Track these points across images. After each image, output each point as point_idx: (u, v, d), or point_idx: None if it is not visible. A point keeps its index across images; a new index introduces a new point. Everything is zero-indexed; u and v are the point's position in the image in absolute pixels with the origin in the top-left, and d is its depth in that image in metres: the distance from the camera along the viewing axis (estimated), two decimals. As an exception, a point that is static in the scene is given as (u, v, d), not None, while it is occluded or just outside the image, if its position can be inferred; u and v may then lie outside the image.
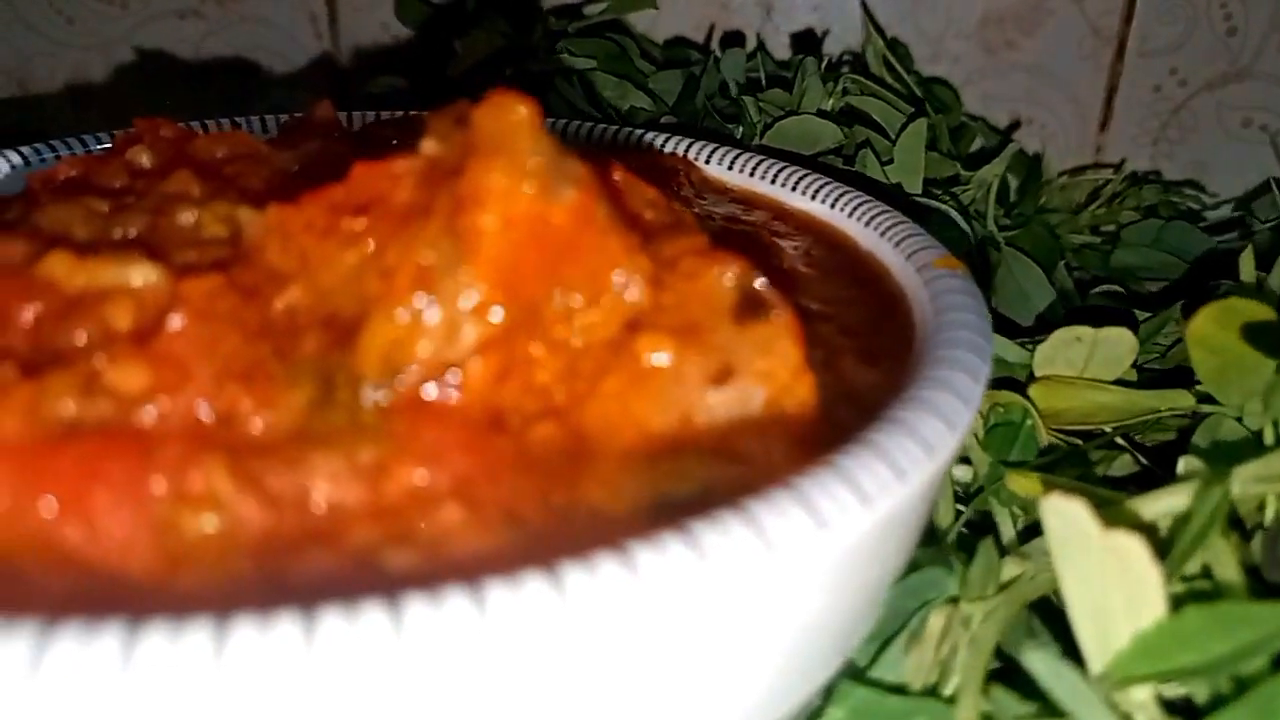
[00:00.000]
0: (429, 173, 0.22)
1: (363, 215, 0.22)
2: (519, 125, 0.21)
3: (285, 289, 0.23)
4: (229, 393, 0.21)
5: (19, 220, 0.26)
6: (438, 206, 0.22)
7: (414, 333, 0.21)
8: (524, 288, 0.22)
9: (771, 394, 0.24)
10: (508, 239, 0.21)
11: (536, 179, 0.21)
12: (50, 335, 0.22)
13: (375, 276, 0.22)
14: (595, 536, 0.20)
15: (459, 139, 0.22)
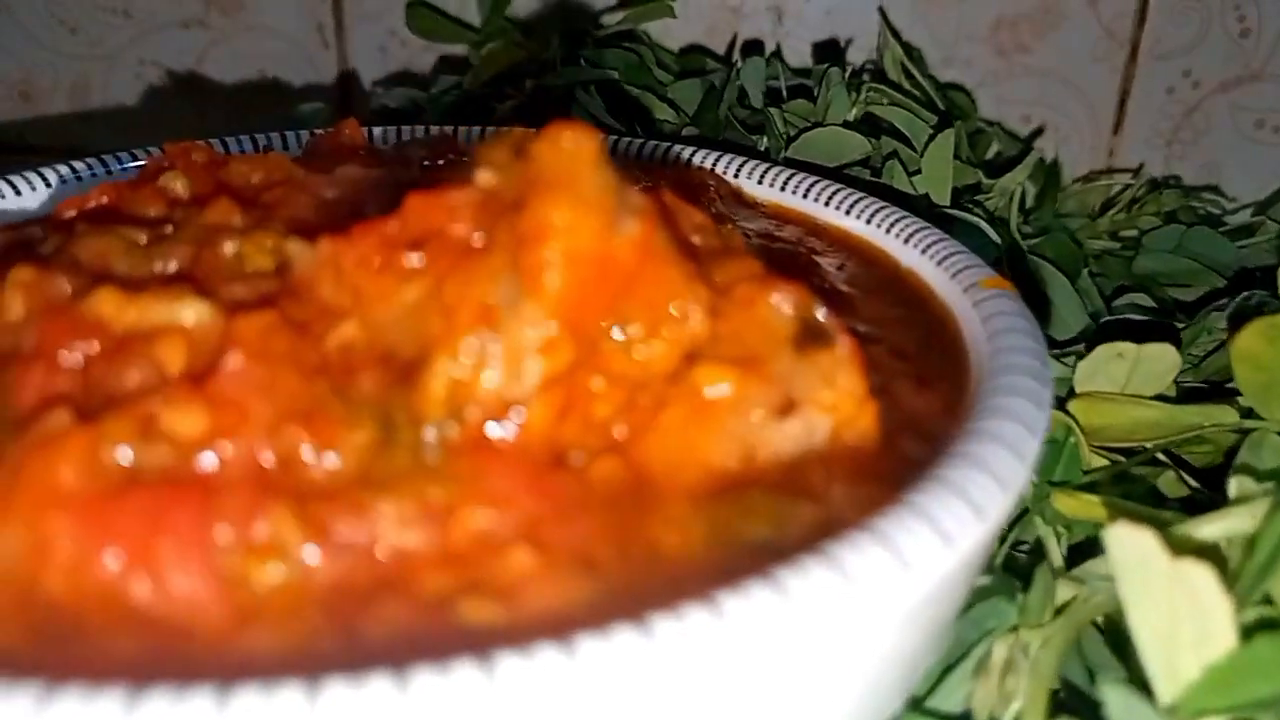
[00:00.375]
0: (486, 205, 0.22)
1: (419, 250, 0.22)
2: (582, 158, 0.21)
3: (339, 325, 0.22)
4: (289, 434, 0.20)
5: (56, 253, 0.26)
6: (498, 242, 0.21)
7: (477, 371, 0.21)
8: (586, 322, 0.22)
9: (835, 425, 0.23)
10: (572, 275, 0.21)
11: (601, 213, 0.21)
12: (101, 377, 0.21)
13: (435, 314, 0.21)
14: (670, 580, 0.20)
15: (518, 171, 0.21)
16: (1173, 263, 0.50)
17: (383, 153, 0.36)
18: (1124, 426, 0.33)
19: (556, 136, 0.21)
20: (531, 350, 0.21)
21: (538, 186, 0.21)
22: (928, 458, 0.23)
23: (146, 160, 0.31)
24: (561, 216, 0.20)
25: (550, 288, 0.21)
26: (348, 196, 0.29)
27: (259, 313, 0.22)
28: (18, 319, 0.23)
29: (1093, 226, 0.55)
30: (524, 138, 0.22)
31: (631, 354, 0.22)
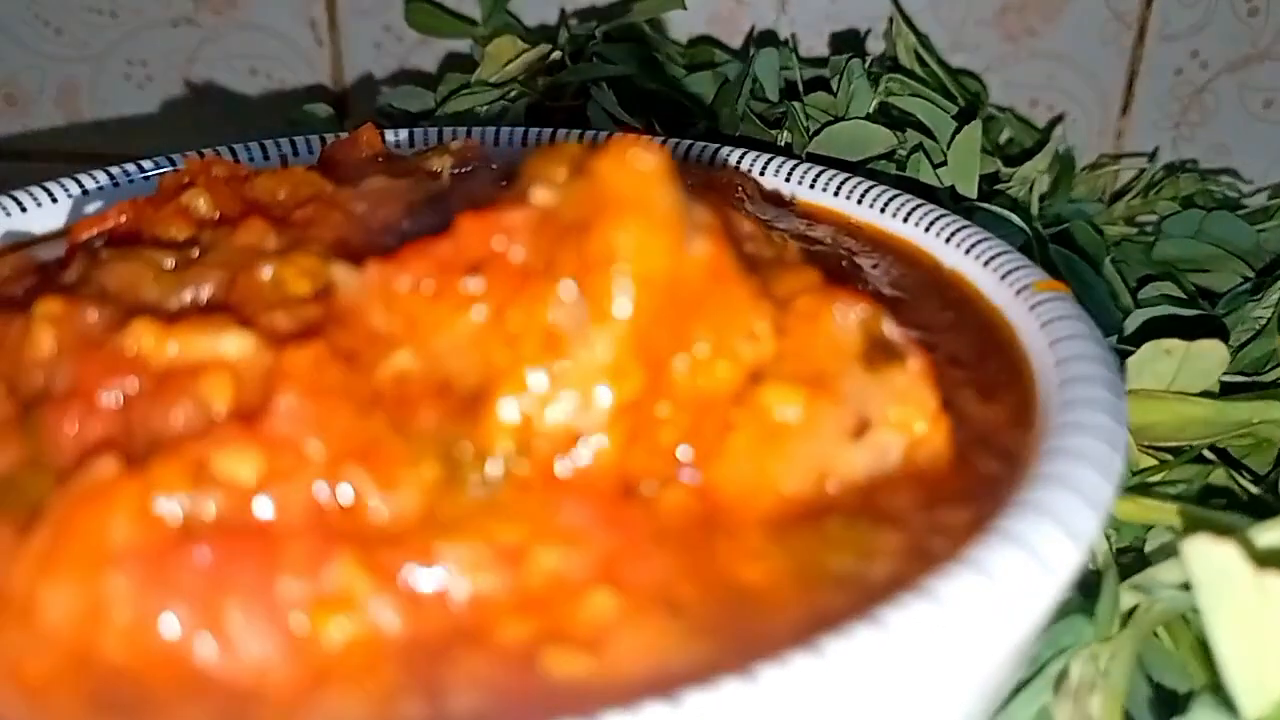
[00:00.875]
0: (543, 225, 0.21)
1: (477, 274, 0.21)
2: (650, 176, 0.20)
3: (392, 355, 0.21)
4: (349, 475, 0.19)
5: (82, 281, 0.24)
6: (561, 265, 0.20)
7: (544, 402, 0.20)
8: (654, 345, 0.21)
9: (907, 444, 0.23)
10: (643, 300, 0.20)
11: (671, 233, 0.20)
12: (143, 417, 0.20)
13: (498, 342, 0.20)
14: (757, 619, 0.19)
15: (578, 189, 0.20)
16: (1193, 248, 0.49)
17: (404, 160, 0.35)
18: (1172, 424, 0.33)
19: (622, 153, 0.20)
20: (601, 379, 0.20)
21: (605, 207, 0.20)
22: (1005, 476, 0.22)
23: (162, 174, 0.30)
24: (632, 239, 0.19)
25: (621, 314, 0.20)
26: (379, 211, 0.28)
27: (308, 344, 0.21)
28: (49, 355, 0.22)
29: (1109, 212, 0.54)
30: (581, 153, 0.21)
31: (697, 376, 0.21)
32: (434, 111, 0.45)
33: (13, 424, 0.21)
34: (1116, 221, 0.54)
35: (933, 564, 0.20)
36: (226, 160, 0.30)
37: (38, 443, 0.20)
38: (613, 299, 0.20)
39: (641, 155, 0.20)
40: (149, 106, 0.64)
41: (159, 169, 0.37)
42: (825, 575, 0.20)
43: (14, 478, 0.20)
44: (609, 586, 0.19)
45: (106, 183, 0.36)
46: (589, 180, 0.20)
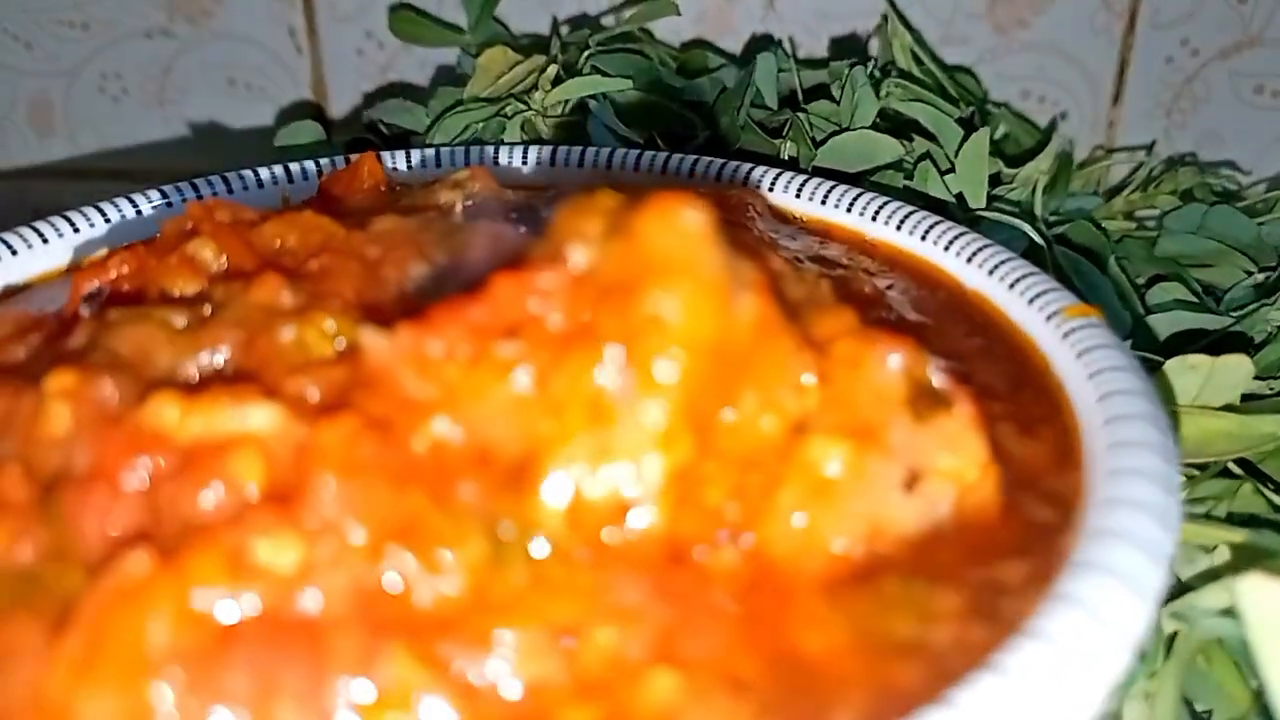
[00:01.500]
0: (580, 286, 0.20)
1: (515, 338, 0.20)
2: (697, 237, 0.19)
3: (427, 422, 0.20)
4: (392, 558, 0.19)
5: (91, 346, 0.23)
6: (605, 330, 0.19)
7: (593, 474, 0.19)
8: (702, 408, 0.20)
9: (959, 494, 0.22)
10: (691, 365, 0.19)
11: (720, 297, 0.19)
12: (171, 500, 0.19)
13: (541, 411, 0.19)
14: (825, 695, 0.18)
15: (620, 251, 0.20)
16: (1196, 244, 0.49)
17: (409, 191, 0.34)
18: (1198, 439, 0.32)
19: (665, 212, 0.19)
20: (650, 447, 0.19)
21: (650, 271, 0.19)
22: (1057, 524, 0.22)
23: (159, 215, 0.29)
24: (680, 304, 0.19)
25: (670, 381, 0.19)
26: (392, 254, 0.27)
27: (340, 417, 0.20)
28: (66, 433, 0.21)
29: (1108, 208, 0.54)
30: (618, 207, 0.20)
31: (743, 432, 0.21)
32: (429, 129, 0.43)
33: (33, 509, 0.20)
34: (1115, 216, 0.54)
35: (995, 627, 0.19)
36: (229, 203, 0.29)
37: (61, 530, 0.19)
38: (661, 366, 0.19)
39: (686, 215, 0.19)
40: (125, 120, 0.63)
41: (153, 204, 0.36)
42: (888, 643, 0.19)
43: (39, 572, 0.19)
44: (669, 665, 0.18)
45: (100, 223, 0.35)
46: (631, 240, 0.20)
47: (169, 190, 0.36)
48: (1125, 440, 0.23)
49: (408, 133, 0.47)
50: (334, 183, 0.35)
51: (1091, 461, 0.23)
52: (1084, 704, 0.17)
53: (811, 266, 0.33)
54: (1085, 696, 0.17)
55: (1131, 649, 0.18)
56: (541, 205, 0.32)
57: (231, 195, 0.38)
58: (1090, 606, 0.18)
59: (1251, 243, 0.50)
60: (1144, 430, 0.23)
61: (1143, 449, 0.22)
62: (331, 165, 0.39)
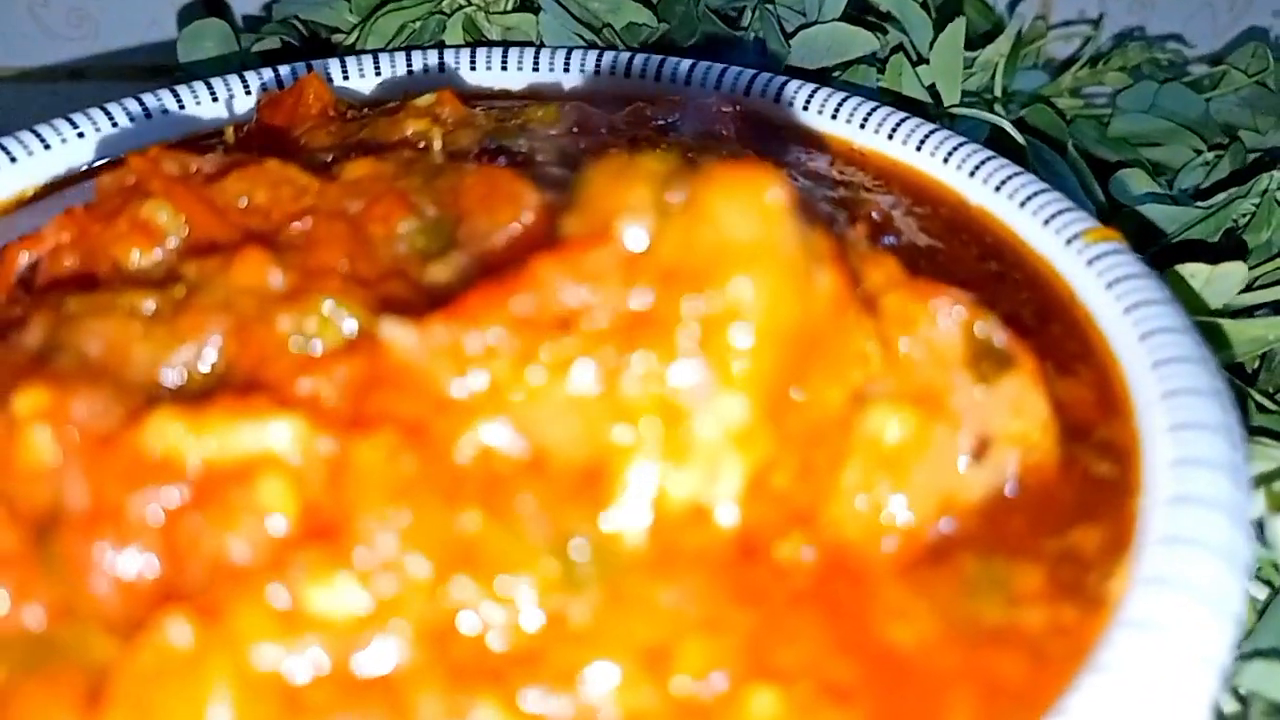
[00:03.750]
0: (637, 269, 0.18)
1: (568, 330, 0.18)
2: (774, 214, 0.17)
3: (471, 427, 0.18)
4: (459, 591, 0.17)
5: (51, 346, 0.20)
6: (674, 320, 0.17)
7: (670, 478, 0.18)
8: (779, 396, 0.18)
9: (1022, 455, 0.21)
10: (774, 354, 0.17)
11: (799, 278, 0.17)
12: (192, 542, 0.17)
13: (608, 412, 0.18)
14: (929, 695, 0.18)
15: (686, 230, 0.18)
16: (1148, 123, 0.49)
17: (362, 120, 0.30)
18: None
19: (740, 186, 0.17)
20: (731, 447, 0.18)
21: (726, 254, 0.17)
22: (1119, 480, 0.21)
23: (100, 175, 0.25)
24: (763, 292, 0.17)
25: (751, 376, 0.17)
26: (377, 212, 0.24)
27: (377, 429, 0.18)
28: (50, 463, 0.18)
29: (1055, 85, 0.53)
30: (669, 173, 0.18)
31: (809, 409, 0.19)
32: (359, 29, 0.39)
33: (30, 559, 0.17)
34: (1063, 94, 0.53)
35: (1086, 607, 0.19)
36: (175, 152, 0.25)
37: (67, 582, 0.17)
38: (741, 359, 0.17)
39: (763, 187, 0.17)
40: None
41: (62, 136, 0.32)
42: (980, 630, 0.18)
43: (52, 635, 0.16)
44: (767, 680, 0.17)
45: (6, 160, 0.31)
46: (700, 217, 0.17)
47: (79, 119, 0.32)
48: (1181, 388, 0.22)
49: (330, 32, 0.42)
50: (274, 110, 0.31)
51: (1144, 409, 0.22)
52: (1200, 695, 0.17)
53: (808, 184, 0.31)
54: (1201, 687, 0.17)
55: (1237, 629, 0.18)
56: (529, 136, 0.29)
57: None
58: (1193, 588, 0.18)
59: (1199, 119, 0.49)
60: (1198, 376, 0.22)
61: (1201, 398, 0.21)
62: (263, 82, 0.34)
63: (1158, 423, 0.22)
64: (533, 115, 0.31)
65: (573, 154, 0.29)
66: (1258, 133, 0.49)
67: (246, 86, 0.35)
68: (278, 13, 0.45)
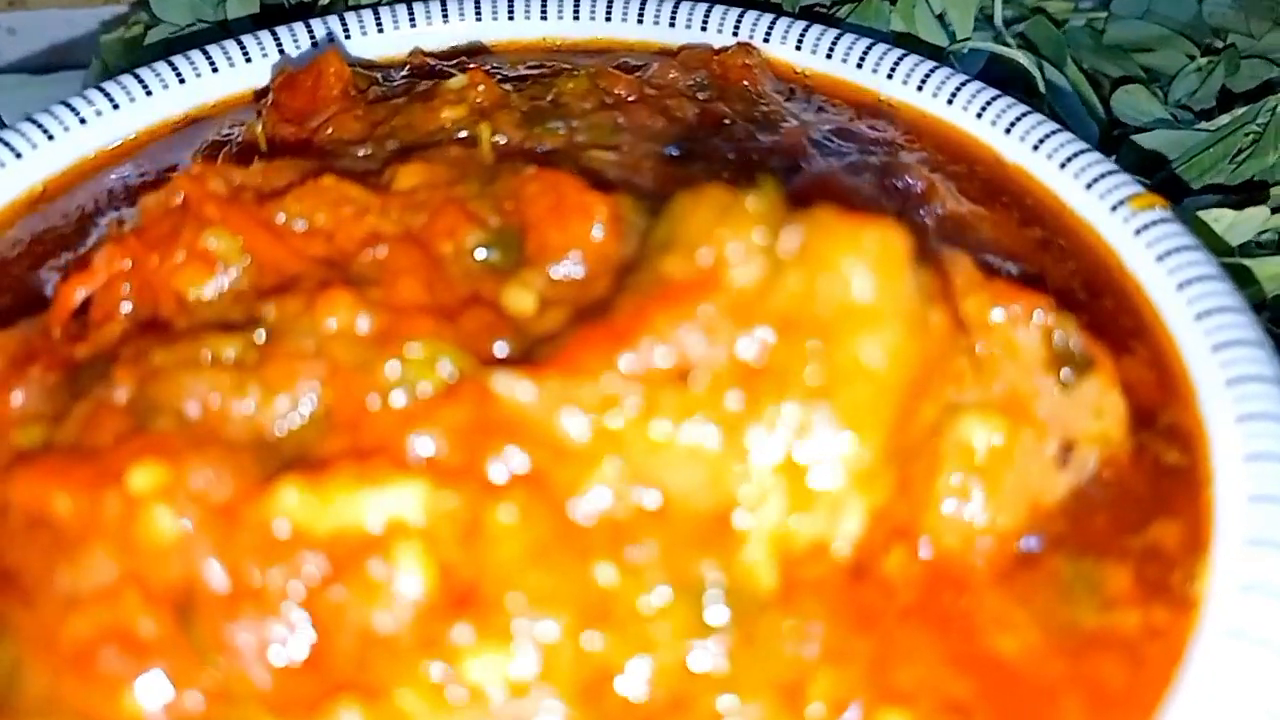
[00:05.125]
0: (745, 312, 0.18)
1: (686, 382, 0.18)
2: (899, 269, 0.17)
3: (589, 475, 0.19)
4: (604, 646, 0.18)
5: (143, 404, 0.20)
6: (789, 368, 0.18)
7: (797, 523, 0.18)
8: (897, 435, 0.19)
9: (1101, 452, 0.22)
10: (897, 400, 0.18)
11: (920, 327, 0.18)
12: (337, 617, 0.17)
13: (732, 460, 0.18)
14: (1042, 707, 0.19)
15: (803, 280, 0.18)
16: (1144, 30, 0.49)
17: (396, 108, 0.29)
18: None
19: (862, 239, 0.17)
20: (854, 491, 0.18)
21: (850, 310, 0.17)
22: (1189, 468, 0.22)
23: (143, 195, 0.24)
24: (887, 347, 0.17)
25: (878, 422, 0.18)
26: (442, 226, 0.23)
27: (507, 491, 0.18)
28: (177, 541, 0.18)
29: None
30: (777, 216, 0.18)
31: (908, 430, 0.20)
32: None
33: (178, 643, 0.17)
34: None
35: (1176, 608, 0.20)
36: (221, 167, 0.24)
37: (218, 665, 0.17)
38: (869, 410, 0.18)
39: (885, 242, 0.17)
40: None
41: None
42: (1078, 636, 0.20)
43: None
44: (896, 705, 0.18)
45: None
46: (819, 269, 0.17)
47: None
48: (1245, 376, 0.23)
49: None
50: (293, 93, 0.30)
51: (1206, 395, 0.23)
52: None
53: (847, 148, 0.31)
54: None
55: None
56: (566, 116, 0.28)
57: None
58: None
59: (1191, 23, 0.49)
60: (1262, 363, 0.23)
61: (1267, 386, 0.22)
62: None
63: (1225, 412, 0.22)
64: (564, 88, 0.30)
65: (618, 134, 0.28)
66: (1250, 36, 0.49)
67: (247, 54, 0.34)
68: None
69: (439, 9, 0.36)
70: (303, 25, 0.35)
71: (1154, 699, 0.18)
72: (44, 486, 0.19)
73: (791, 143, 0.29)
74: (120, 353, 0.21)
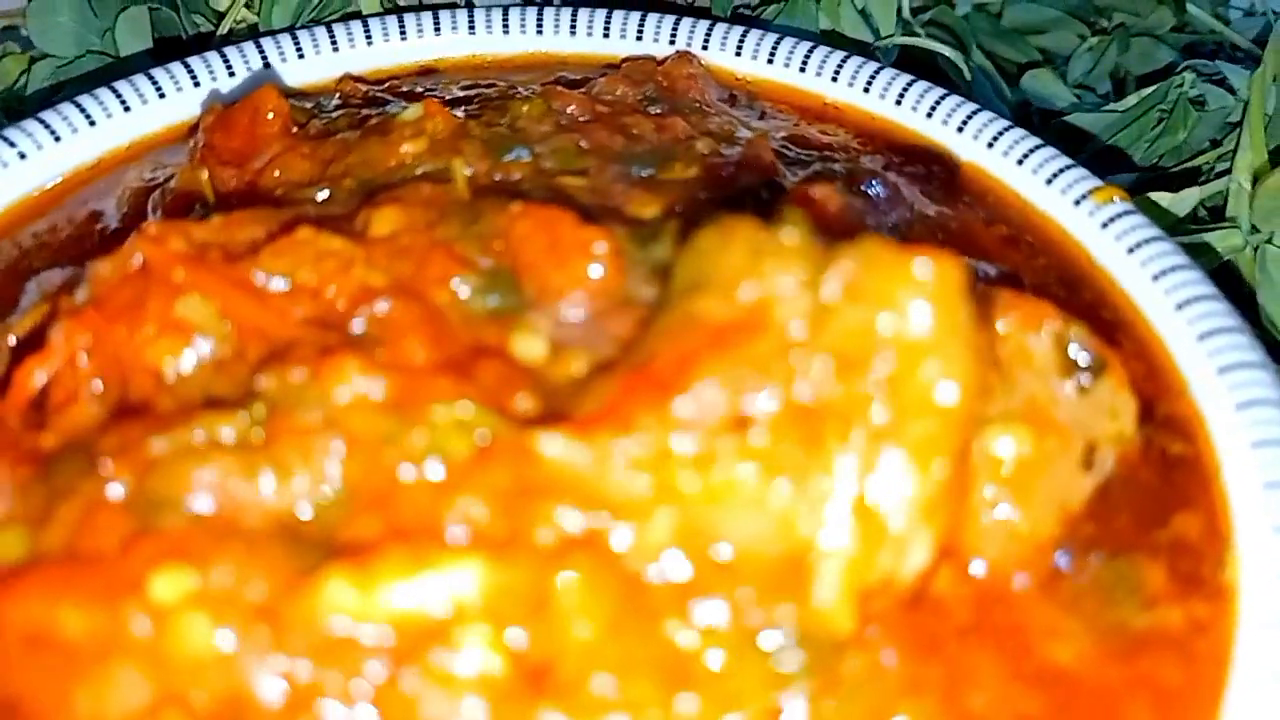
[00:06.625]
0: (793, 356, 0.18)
1: (743, 431, 0.18)
2: (958, 301, 0.17)
3: (647, 532, 0.18)
4: (689, 708, 0.17)
5: (139, 500, 0.18)
6: (855, 405, 0.17)
7: (868, 560, 0.18)
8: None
9: (1117, 452, 0.22)
10: (962, 429, 0.18)
11: (980, 354, 0.18)
12: (410, 713, 0.16)
13: (798, 506, 0.18)
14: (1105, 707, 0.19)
15: (858, 320, 0.17)
16: (1039, 13, 0.50)
17: (344, 143, 0.27)
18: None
19: (917, 271, 0.17)
20: (922, 524, 0.18)
21: (915, 346, 0.17)
22: (1193, 458, 0.23)
23: (93, 263, 0.21)
24: (953, 379, 0.17)
25: (944, 453, 0.18)
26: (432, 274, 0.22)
27: (568, 557, 0.17)
28: (217, 653, 0.17)
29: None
30: (816, 251, 0.18)
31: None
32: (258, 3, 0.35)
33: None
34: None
35: (1213, 600, 0.20)
36: (181, 223, 0.22)
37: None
38: (939, 444, 0.17)
39: (943, 271, 0.17)
40: None
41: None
42: (1129, 637, 0.20)
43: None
44: (972, 733, 0.18)
45: None
46: (873, 303, 0.17)
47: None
48: (1236, 363, 0.23)
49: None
50: (228, 133, 0.28)
51: (1198, 384, 0.24)
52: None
53: (808, 155, 0.31)
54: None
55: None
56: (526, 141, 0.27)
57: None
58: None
59: (1081, 5, 0.51)
60: (1248, 350, 0.24)
61: (1258, 372, 0.23)
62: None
63: (1221, 400, 0.23)
64: (519, 112, 0.29)
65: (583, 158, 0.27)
66: (1137, 16, 0.51)
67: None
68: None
69: (361, 30, 0.34)
70: (217, 55, 0.32)
71: (1213, 695, 0.19)
72: (45, 602, 0.17)
73: (757, 155, 0.28)
74: (101, 441, 0.19)
